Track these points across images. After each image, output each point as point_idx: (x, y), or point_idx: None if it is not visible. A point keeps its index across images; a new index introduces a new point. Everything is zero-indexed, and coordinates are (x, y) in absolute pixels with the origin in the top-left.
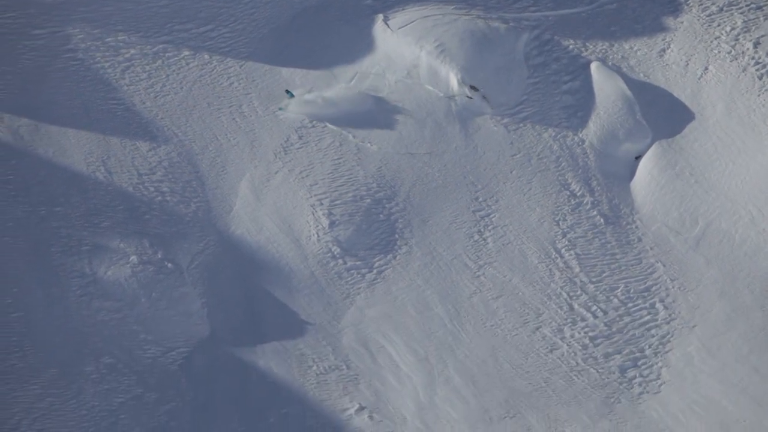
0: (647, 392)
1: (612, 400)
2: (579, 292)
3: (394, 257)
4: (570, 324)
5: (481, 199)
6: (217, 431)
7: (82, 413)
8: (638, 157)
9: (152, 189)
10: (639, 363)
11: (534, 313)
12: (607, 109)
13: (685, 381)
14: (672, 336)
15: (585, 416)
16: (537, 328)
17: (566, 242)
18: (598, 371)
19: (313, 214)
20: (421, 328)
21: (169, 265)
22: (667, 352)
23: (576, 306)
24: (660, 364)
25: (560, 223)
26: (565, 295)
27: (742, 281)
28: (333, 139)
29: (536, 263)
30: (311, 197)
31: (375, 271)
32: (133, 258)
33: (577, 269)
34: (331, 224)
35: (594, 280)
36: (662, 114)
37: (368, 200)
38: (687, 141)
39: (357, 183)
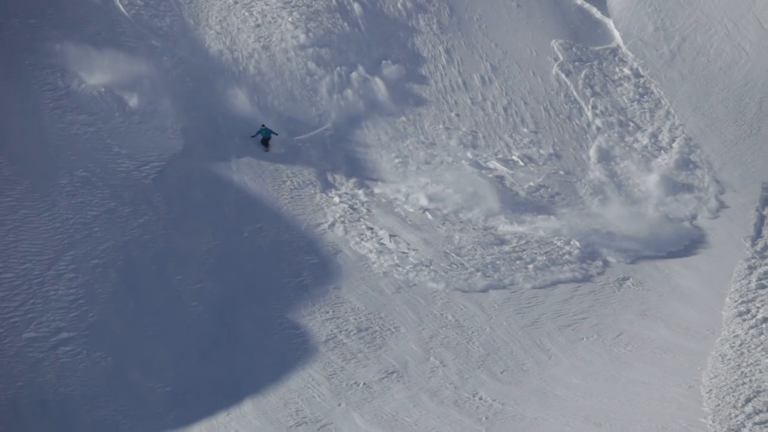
0: None
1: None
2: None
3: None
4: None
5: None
6: (191, 245)
7: (55, 225)
8: None
9: (126, 2)
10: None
11: None
12: None
13: None
14: None
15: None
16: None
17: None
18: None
19: (291, 28)
20: None
21: (144, 79)
22: None
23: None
24: None
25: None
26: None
27: (716, 96)
28: None
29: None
30: (287, 7)
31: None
32: (108, 71)
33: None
34: (309, 43)
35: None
36: None
37: (347, 22)
38: None
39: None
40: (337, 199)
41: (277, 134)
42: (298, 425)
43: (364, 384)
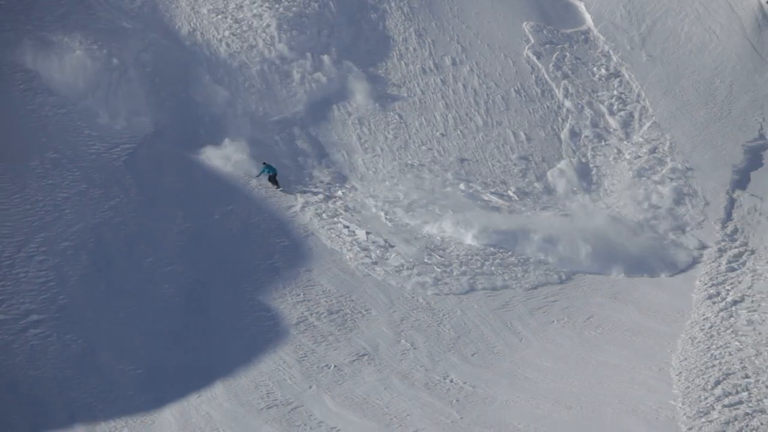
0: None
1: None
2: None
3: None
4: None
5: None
6: (162, 227)
7: (26, 207)
8: None
9: None
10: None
11: None
12: None
13: None
14: None
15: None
16: None
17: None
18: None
19: (261, 10)
20: None
21: (115, 60)
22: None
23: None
24: None
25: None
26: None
27: (687, 79)
28: None
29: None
30: None
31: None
32: (79, 53)
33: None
34: (279, 26)
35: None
36: None
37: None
38: None
39: None
40: (310, 185)
41: (276, 171)
42: (269, 408)
43: (335, 366)
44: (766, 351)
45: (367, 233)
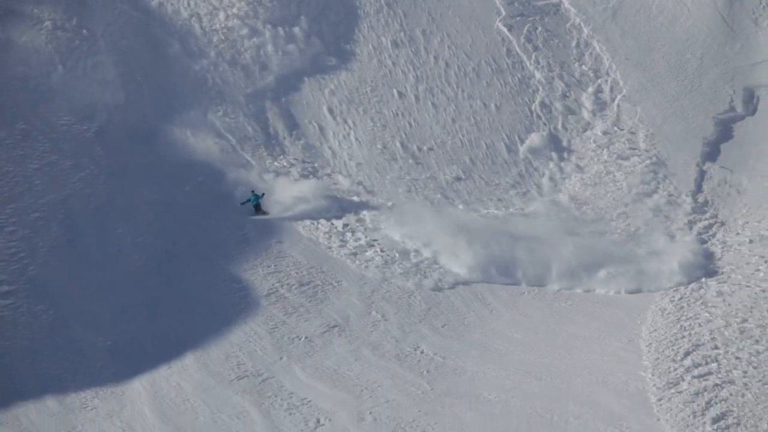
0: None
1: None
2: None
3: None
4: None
5: None
6: (132, 199)
7: None
8: None
9: None
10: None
11: None
12: None
13: None
14: None
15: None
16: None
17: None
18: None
19: None
20: None
21: (85, 31)
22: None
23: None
24: None
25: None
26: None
27: (658, 52)
28: None
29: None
30: None
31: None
32: (48, 23)
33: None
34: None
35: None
36: None
37: None
38: None
39: None
40: (285, 162)
41: (264, 194)
42: (239, 379)
43: (306, 338)
44: (735, 322)
45: (345, 225)
